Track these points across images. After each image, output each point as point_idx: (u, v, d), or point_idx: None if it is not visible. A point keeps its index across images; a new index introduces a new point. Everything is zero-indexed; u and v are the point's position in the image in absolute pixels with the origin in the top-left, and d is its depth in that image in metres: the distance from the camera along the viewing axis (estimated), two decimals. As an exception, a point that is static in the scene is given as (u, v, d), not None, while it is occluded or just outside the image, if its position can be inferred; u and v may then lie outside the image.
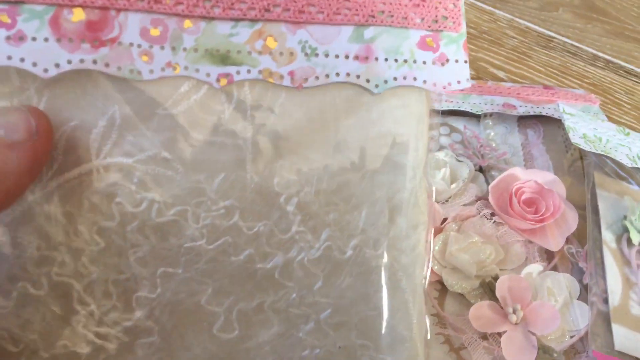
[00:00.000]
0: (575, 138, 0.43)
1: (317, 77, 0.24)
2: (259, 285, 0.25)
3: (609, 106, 0.54)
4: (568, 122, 0.44)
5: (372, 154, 0.25)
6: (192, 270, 0.24)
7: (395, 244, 0.26)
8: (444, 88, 0.25)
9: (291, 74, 0.24)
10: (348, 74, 0.24)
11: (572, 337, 0.36)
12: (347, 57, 0.24)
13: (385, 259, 0.25)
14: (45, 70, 0.23)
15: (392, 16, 0.25)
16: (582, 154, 0.46)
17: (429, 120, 0.27)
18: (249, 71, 0.24)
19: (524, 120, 0.49)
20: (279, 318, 0.25)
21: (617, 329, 0.36)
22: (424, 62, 0.25)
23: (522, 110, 0.48)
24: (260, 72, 0.24)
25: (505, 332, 0.35)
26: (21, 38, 0.22)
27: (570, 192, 0.43)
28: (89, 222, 0.24)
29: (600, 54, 0.59)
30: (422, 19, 0.25)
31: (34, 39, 0.23)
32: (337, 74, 0.24)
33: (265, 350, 0.25)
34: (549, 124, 0.49)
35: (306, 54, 0.24)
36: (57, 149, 0.24)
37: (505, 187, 0.41)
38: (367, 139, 0.25)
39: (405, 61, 0.25)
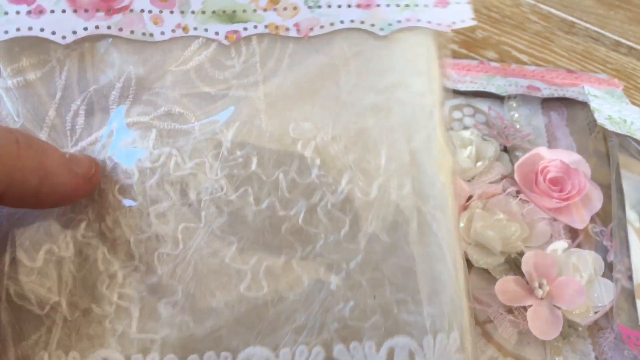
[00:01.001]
0: (600, 119, 0.43)
1: (322, 26, 0.25)
2: (284, 240, 0.24)
3: (632, 91, 0.54)
4: (593, 104, 0.45)
5: (385, 96, 0.25)
6: (213, 224, 0.24)
7: (421, 185, 0.25)
8: (449, 26, 0.26)
9: (297, 25, 0.25)
10: (352, 21, 0.25)
11: (596, 312, 0.36)
12: (349, 6, 0.25)
13: (412, 200, 0.25)
14: (64, 37, 0.24)
15: None
16: (605, 136, 0.46)
17: (439, 62, 0.27)
18: (255, 27, 0.25)
19: (548, 103, 0.50)
20: (308, 274, 0.24)
21: (641, 305, 0.36)
22: (426, 5, 0.26)
23: (546, 92, 0.48)
24: (266, 26, 0.25)
25: (530, 306, 0.36)
26: (40, 11, 0.24)
27: (595, 173, 0.43)
28: (111, 182, 0.24)
29: (623, 41, 0.59)
30: None
31: (52, 11, 0.24)
32: (342, 22, 0.25)
33: (296, 309, 0.24)
34: (573, 106, 0.49)
35: (309, 7, 0.25)
36: (79, 115, 0.25)
37: (531, 165, 0.42)
38: (379, 83, 0.25)
39: (407, 6, 0.26)
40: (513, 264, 0.38)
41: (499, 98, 0.49)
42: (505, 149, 0.45)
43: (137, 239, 0.24)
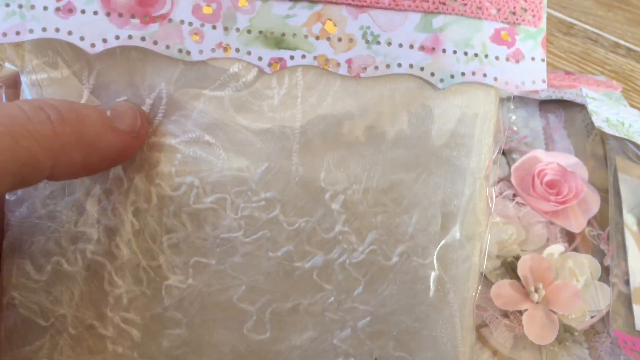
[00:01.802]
0: (598, 121, 0.43)
1: (376, 67, 0.23)
2: (295, 286, 0.23)
3: (630, 93, 0.54)
4: (591, 106, 0.44)
5: (430, 153, 0.23)
6: (226, 263, 0.23)
7: (446, 254, 0.24)
8: (517, 87, 0.23)
9: (349, 61, 0.23)
10: (411, 65, 0.23)
11: (592, 317, 0.36)
12: (411, 46, 0.23)
13: (433, 270, 0.23)
14: (93, 45, 0.22)
15: (465, 5, 0.23)
16: (603, 139, 0.46)
17: (496, 124, 0.24)
18: (303, 56, 0.22)
19: (545, 105, 0.49)
20: (313, 322, 0.23)
21: (638, 309, 0.36)
22: (497, 58, 0.23)
23: (544, 94, 0.48)
24: (315, 58, 0.22)
25: (526, 310, 0.35)
26: (70, 10, 0.22)
27: (592, 176, 0.43)
28: (127, 202, 0.23)
29: (622, 42, 0.59)
30: (499, 9, 0.23)
31: (83, 11, 0.22)
32: (399, 65, 0.23)
33: (296, 355, 0.23)
34: (571, 108, 0.49)
35: (367, 41, 0.23)
36: None
37: (527, 168, 0.41)
38: (426, 138, 0.23)
39: (476, 55, 0.23)
40: (509, 268, 0.38)
41: (496, 100, 0.49)
42: (502, 152, 0.45)
43: (148, 265, 0.23)
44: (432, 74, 0.23)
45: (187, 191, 0.23)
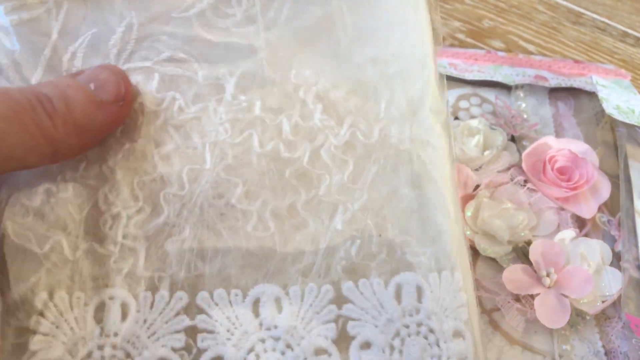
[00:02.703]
0: (609, 109, 0.43)
1: None
2: (288, 184, 0.24)
3: (639, 82, 0.54)
4: (602, 94, 0.45)
5: (381, 48, 0.26)
6: (219, 167, 0.24)
7: (419, 132, 0.26)
8: None
9: None
10: None
11: (603, 302, 0.36)
12: None
13: (411, 145, 0.25)
14: None
15: None
16: (613, 126, 0.46)
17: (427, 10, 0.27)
18: None
19: (555, 93, 0.49)
20: (313, 217, 0.24)
21: (649, 294, 0.36)
22: None
23: (553, 82, 0.48)
24: None
25: (538, 294, 0.36)
26: None
27: (602, 163, 0.43)
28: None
29: (630, 31, 0.59)
30: None
31: None
32: None
33: (304, 251, 0.24)
34: (580, 96, 0.49)
35: None
36: (76, 57, 0.25)
37: (538, 155, 0.42)
38: (374, 36, 0.26)
39: None
40: (520, 253, 0.38)
41: (506, 88, 0.49)
42: (512, 139, 0.45)
43: (141, 181, 0.24)
44: None
45: (169, 105, 0.24)
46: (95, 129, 0.22)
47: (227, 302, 0.23)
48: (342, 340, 0.23)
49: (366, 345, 0.23)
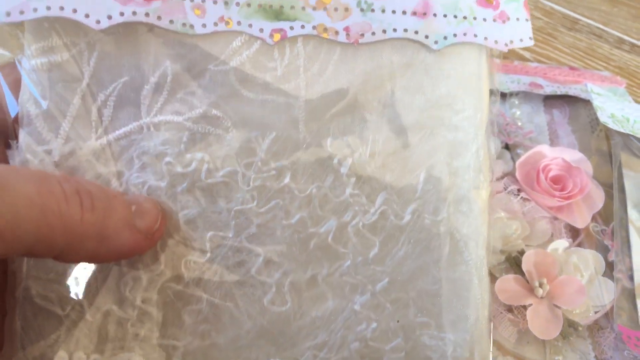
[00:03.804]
0: (603, 117, 0.43)
1: (373, 33, 0.24)
2: (312, 256, 0.24)
3: (635, 89, 0.54)
4: (596, 102, 0.44)
5: (430, 115, 0.24)
6: (242, 235, 0.23)
7: (457, 211, 0.24)
8: (506, 45, 0.24)
9: (347, 29, 0.24)
10: (406, 30, 0.24)
11: (596, 312, 0.36)
12: (404, 12, 0.24)
13: (446, 226, 0.24)
14: (98, 22, 0.22)
15: None
16: (608, 135, 0.46)
17: (489, 82, 0.25)
18: (302, 26, 0.23)
19: (550, 100, 0.49)
20: (333, 292, 0.24)
21: (642, 305, 0.36)
22: (484, 19, 0.24)
23: (548, 89, 0.48)
24: (314, 27, 0.23)
25: (530, 305, 0.36)
26: None
27: (597, 171, 0.43)
28: (139, 182, 0.23)
29: (626, 38, 0.59)
30: None
31: None
32: (395, 30, 0.24)
33: (319, 326, 0.23)
34: (575, 104, 0.49)
35: (362, 9, 0.24)
36: (107, 106, 0.24)
37: (532, 164, 0.41)
38: (425, 100, 0.24)
39: (465, 18, 0.24)
40: (513, 263, 0.38)
41: (500, 95, 0.49)
42: (506, 147, 0.45)
43: (164, 243, 0.23)
44: (427, 37, 0.24)
45: (198, 167, 0.23)
46: (114, 245, 0.21)
47: None
48: None
49: None
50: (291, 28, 0.23)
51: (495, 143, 0.43)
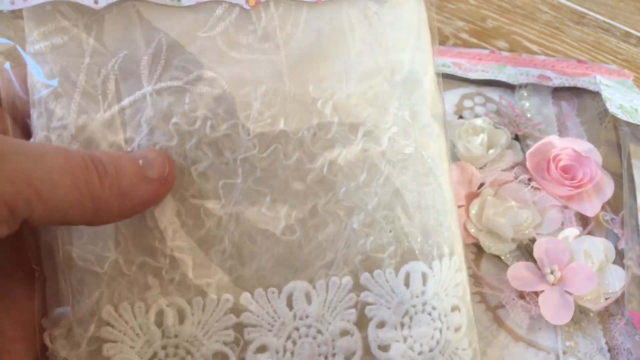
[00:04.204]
0: (612, 108, 0.43)
1: None
2: (310, 189, 0.27)
3: (642, 82, 0.54)
4: (605, 93, 0.45)
5: (387, 59, 0.28)
6: (249, 180, 0.26)
7: (422, 134, 0.28)
8: None
9: None
10: None
11: (607, 299, 0.37)
12: None
13: (416, 147, 0.28)
14: (96, 2, 0.25)
15: None
16: (616, 126, 0.46)
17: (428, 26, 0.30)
18: None
19: (558, 93, 0.50)
20: (332, 217, 0.27)
21: (652, 291, 0.36)
22: None
23: (557, 82, 0.49)
24: None
25: (542, 291, 0.36)
26: None
27: (606, 162, 0.43)
28: (150, 144, 0.26)
29: (633, 32, 0.59)
30: None
31: None
32: None
33: (325, 248, 0.27)
34: (583, 96, 0.49)
35: None
36: (110, 80, 0.25)
37: (542, 153, 0.42)
38: (380, 46, 0.28)
39: None
40: (525, 251, 0.39)
41: (510, 87, 0.50)
42: (516, 137, 0.45)
43: (182, 196, 0.26)
44: None
45: (202, 123, 0.26)
46: (136, 199, 0.24)
47: (265, 299, 0.26)
48: (361, 321, 0.27)
49: (381, 325, 0.27)
50: None
51: (506, 134, 0.44)
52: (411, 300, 0.27)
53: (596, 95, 0.48)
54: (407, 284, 0.27)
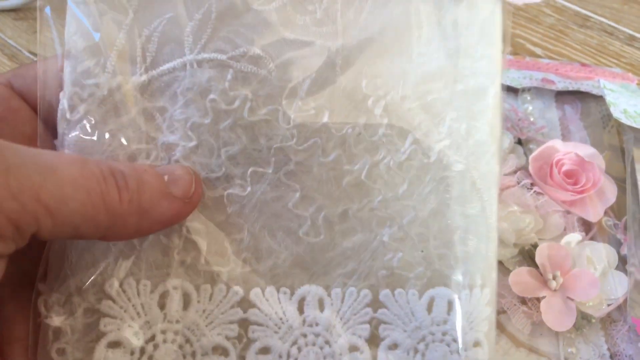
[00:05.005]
0: (616, 112, 0.43)
1: None
2: (344, 192, 0.25)
3: (646, 86, 0.54)
4: (609, 97, 0.45)
5: (453, 63, 0.26)
6: (281, 171, 0.25)
7: (475, 152, 0.26)
8: None
9: None
10: None
11: (609, 305, 0.37)
12: None
13: (465, 166, 0.26)
14: None
15: None
16: (619, 131, 0.46)
17: (502, 32, 0.27)
18: None
19: (562, 96, 0.49)
20: (362, 225, 0.25)
21: (655, 298, 0.36)
22: None
23: (561, 85, 0.48)
24: None
25: (544, 297, 0.36)
26: None
27: (609, 166, 0.43)
28: (183, 118, 0.24)
29: (637, 35, 0.59)
30: None
31: None
32: None
33: (349, 256, 0.25)
34: (587, 100, 0.49)
35: None
36: (151, 42, 0.24)
37: (545, 158, 0.42)
38: (447, 47, 0.25)
39: None
40: (527, 256, 0.38)
41: (513, 91, 0.49)
42: (519, 142, 0.45)
43: (207, 178, 0.25)
44: None
45: (241, 105, 0.24)
46: (155, 217, 0.22)
47: (276, 299, 0.25)
48: (373, 339, 0.26)
49: (394, 347, 0.26)
50: None
51: (509, 138, 0.44)
52: (430, 327, 0.25)
53: (600, 99, 0.48)
54: (429, 309, 0.26)
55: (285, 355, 0.25)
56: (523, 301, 0.36)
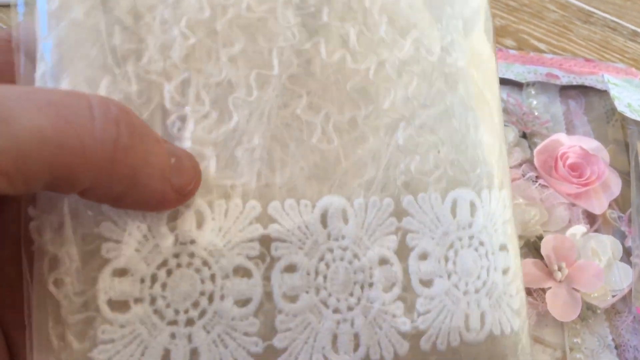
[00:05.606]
0: (620, 107, 0.43)
1: None
2: (348, 97, 0.24)
3: (649, 81, 0.54)
4: (613, 92, 0.45)
5: None
6: (284, 75, 0.23)
7: (473, 54, 0.26)
8: None
9: None
10: None
11: (614, 296, 0.37)
12: None
13: (468, 64, 0.26)
14: None
15: None
16: (623, 125, 0.46)
17: None
18: None
19: (566, 91, 0.50)
20: (372, 131, 0.24)
21: (659, 289, 0.37)
22: None
23: (565, 80, 0.49)
24: None
25: (549, 288, 0.36)
26: None
27: (613, 160, 0.43)
28: (177, 14, 0.22)
29: (641, 30, 0.59)
30: None
31: None
32: None
33: (365, 163, 0.24)
34: (591, 95, 0.49)
35: None
36: None
37: (550, 151, 0.42)
38: None
39: None
40: (532, 248, 0.39)
41: (517, 85, 0.50)
42: (524, 135, 0.46)
43: (207, 83, 0.22)
44: None
45: (238, 0, 0.23)
46: (141, 196, 0.19)
47: (297, 212, 0.23)
48: (402, 251, 0.24)
49: (424, 256, 0.24)
50: None
51: (514, 131, 0.44)
52: (457, 232, 0.25)
53: (603, 93, 0.48)
54: (453, 213, 0.25)
55: (313, 272, 0.23)
56: (529, 292, 0.37)
